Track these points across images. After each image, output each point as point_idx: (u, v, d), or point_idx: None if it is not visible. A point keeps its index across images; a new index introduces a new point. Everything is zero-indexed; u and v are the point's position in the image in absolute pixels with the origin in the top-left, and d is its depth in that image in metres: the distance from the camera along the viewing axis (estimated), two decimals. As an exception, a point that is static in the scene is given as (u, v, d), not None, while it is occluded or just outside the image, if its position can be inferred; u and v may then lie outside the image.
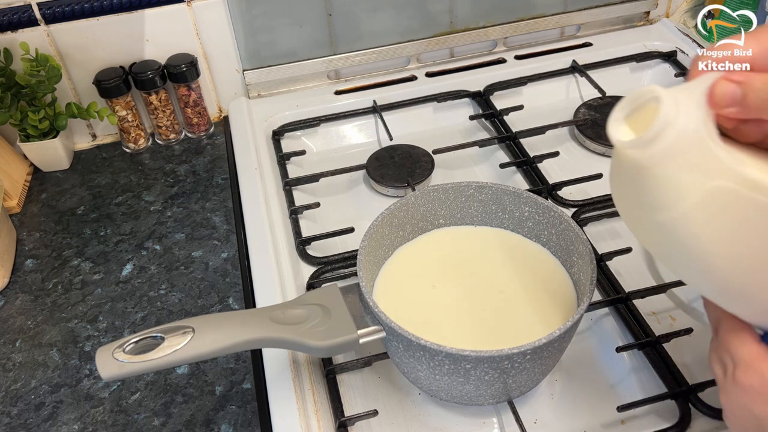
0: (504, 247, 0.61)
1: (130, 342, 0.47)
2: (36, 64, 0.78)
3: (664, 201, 0.38)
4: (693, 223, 0.37)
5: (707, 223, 0.37)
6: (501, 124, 0.85)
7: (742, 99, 0.36)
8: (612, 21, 1.01)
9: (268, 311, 0.51)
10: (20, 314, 0.67)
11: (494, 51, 0.98)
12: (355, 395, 0.58)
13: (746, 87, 0.36)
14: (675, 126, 0.35)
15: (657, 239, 0.40)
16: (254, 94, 0.93)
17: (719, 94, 0.36)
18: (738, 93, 0.36)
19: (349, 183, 0.81)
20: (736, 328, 0.41)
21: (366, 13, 0.90)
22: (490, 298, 0.56)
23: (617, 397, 0.55)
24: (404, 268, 0.60)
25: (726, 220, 0.37)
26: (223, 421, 0.56)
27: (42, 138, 0.83)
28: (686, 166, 0.36)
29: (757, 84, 0.36)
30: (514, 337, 0.53)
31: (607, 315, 0.62)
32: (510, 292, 0.56)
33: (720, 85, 0.36)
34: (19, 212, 0.80)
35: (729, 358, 0.41)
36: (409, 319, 0.52)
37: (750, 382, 0.38)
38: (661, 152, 0.36)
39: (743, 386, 0.39)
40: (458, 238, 0.62)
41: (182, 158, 0.86)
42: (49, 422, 0.57)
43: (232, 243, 0.73)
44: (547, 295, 0.56)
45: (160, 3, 0.82)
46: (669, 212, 0.38)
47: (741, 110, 0.36)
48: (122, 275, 0.70)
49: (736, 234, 0.37)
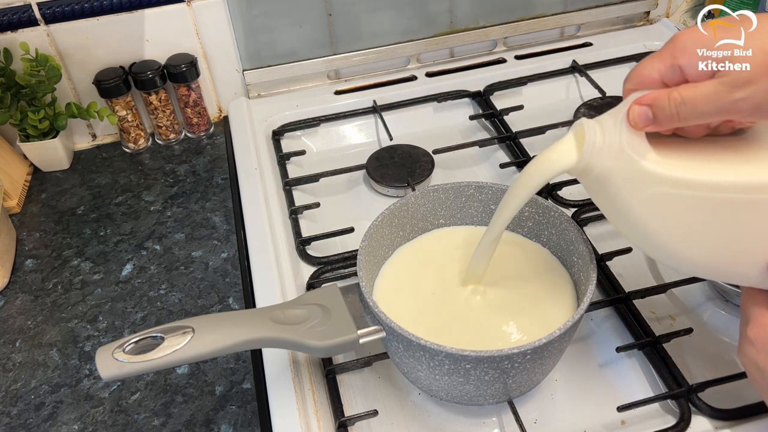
0: (504, 247, 0.61)
1: (130, 342, 0.47)
2: (36, 64, 0.78)
3: (616, 210, 0.45)
4: (645, 224, 0.44)
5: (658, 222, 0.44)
6: (501, 124, 0.85)
7: (653, 118, 0.41)
8: (612, 21, 1.01)
9: (268, 311, 0.51)
10: (20, 314, 0.67)
11: (494, 51, 0.98)
12: (355, 395, 0.58)
13: (654, 108, 0.41)
14: (602, 151, 0.43)
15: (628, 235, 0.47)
16: (254, 94, 0.93)
17: (634, 119, 0.42)
18: (649, 114, 0.41)
19: (349, 183, 0.81)
20: (752, 291, 0.44)
21: (366, 13, 0.90)
22: (491, 298, 0.56)
23: (617, 397, 0.55)
24: (404, 268, 0.60)
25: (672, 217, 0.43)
26: (223, 421, 0.56)
27: (42, 138, 0.83)
28: (621, 181, 0.43)
29: (662, 103, 0.41)
30: (514, 337, 0.53)
31: (607, 315, 0.62)
32: (510, 292, 0.56)
33: (632, 111, 0.42)
34: (19, 212, 0.80)
35: (744, 316, 0.44)
36: (409, 318, 0.52)
37: (755, 336, 0.42)
38: (598, 175, 0.44)
39: (750, 340, 0.43)
40: (458, 238, 0.62)
41: (182, 158, 0.86)
42: (49, 422, 0.57)
43: (232, 243, 0.73)
44: (548, 295, 0.56)
45: (160, 3, 0.82)
46: (624, 217, 0.45)
47: (656, 126, 0.42)
48: (122, 275, 0.70)
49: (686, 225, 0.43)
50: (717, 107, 0.39)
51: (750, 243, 0.43)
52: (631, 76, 0.44)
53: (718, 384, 0.54)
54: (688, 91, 0.40)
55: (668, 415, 0.54)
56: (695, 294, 0.63)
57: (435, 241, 0.62)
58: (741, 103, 0.38)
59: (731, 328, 0.61)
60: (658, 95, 0.41)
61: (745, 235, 0.42)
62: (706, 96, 0.39)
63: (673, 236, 0.44)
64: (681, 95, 0.40)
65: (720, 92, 0.38)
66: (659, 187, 0.42)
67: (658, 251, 0.46)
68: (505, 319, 0.54)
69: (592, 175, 0.44)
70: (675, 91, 0.40)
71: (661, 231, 0.44)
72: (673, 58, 0.41)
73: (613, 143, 0.42)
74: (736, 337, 0.59)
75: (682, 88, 0.40)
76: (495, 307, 0.55)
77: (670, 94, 0.40)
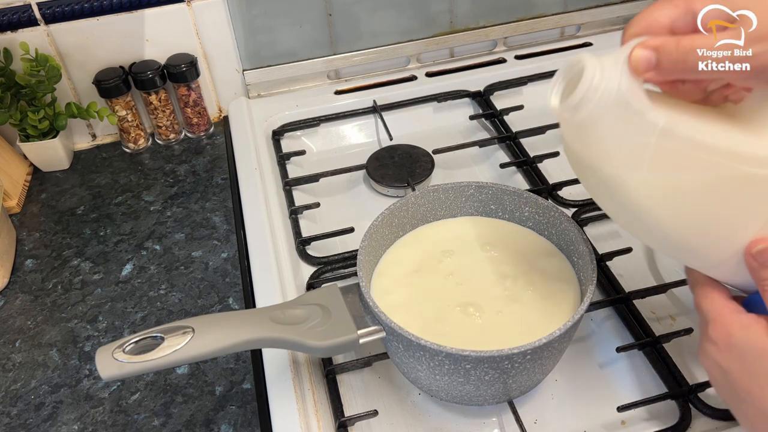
0: (505, 241, 0.60)
1: (130, 342, 0.47)
2: (36, 64, 0.78)
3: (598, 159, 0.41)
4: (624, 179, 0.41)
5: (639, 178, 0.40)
6: (501, 124, 0.85)
7: (657, 63, 0.38)
8: (612, 21, 1.01)
9: (268, 311, 0.51)
10: (20, 314, 0.67)
11: (494, 51, 0.98)
12: (355, 395, 0.58)
13: (660, 52, 0.38)
14: (597, 90, 0.39)
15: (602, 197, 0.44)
16: (254, 94, 0.93)
17: (636, 61, 0.39)
18: (653, 58, 0.38)
19: (349, 183, 0.81)
20: (707, 288, 0.43)
21: (366, 13, 0.90)
22: (491, 297, 0.56)
23: (617, 397, 0.55)
24: (404, 265, 0.59)
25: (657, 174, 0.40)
26: (223, 421, 0.56)
27: (42, 138, 0.83)
28: (613, 124, 0.40)
29: (669, 47, 0.38)
30: (515, 337, 0.53)
31: (607, 315, 0.62)
32: (511, 291, 0.56)
33: (636, 52, 0.39)
34: (19, 212, 0.80)
35: (702, 316, 0.43)
36: (408, 318, 0.52)
37: (717, 336, 0.41)
38: (589, 115, 0.40)
39: (712, 340, 0.41)
40: (457, 230, 0.62)
41: (182, 158, 0.86)
42: (49, 422, 0.57)
43: (232, 243, 0.73)
44: (550, 294, 0.56)
45: (160, 3, 0.82)
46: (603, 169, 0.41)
47: (658, 74, 0.39)
48: (122, 275, 0.70)
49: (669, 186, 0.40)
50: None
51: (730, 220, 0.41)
52: (638, 20, 0.41)
53: (718, 384, 0.54)
54: (700, 40, 0.38)
55: (668, 415, 0.54)
56: (695, 294, 0.63)
57: (433, 234, 0.62)
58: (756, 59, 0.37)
59: (731, 328, 0.61)
60: (665, 40, 0.38)
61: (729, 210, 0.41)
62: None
63: (651, 196, 0.41)
64: (692, 43, 0.38)
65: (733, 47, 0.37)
66: (650, 137, 0.39)
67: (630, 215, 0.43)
68: (507, 319, 0.54)
69: (580, 116, 0.40)
70: (685, 38, 0.38)
71: (640, 189, 0.41)
72: (687, 3, 0.39)
73: (611, 84, 0.39)
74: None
75: (694, 36, 0.38)
76: (495, 306, 0.55)
77: (680, 41, 0.38)
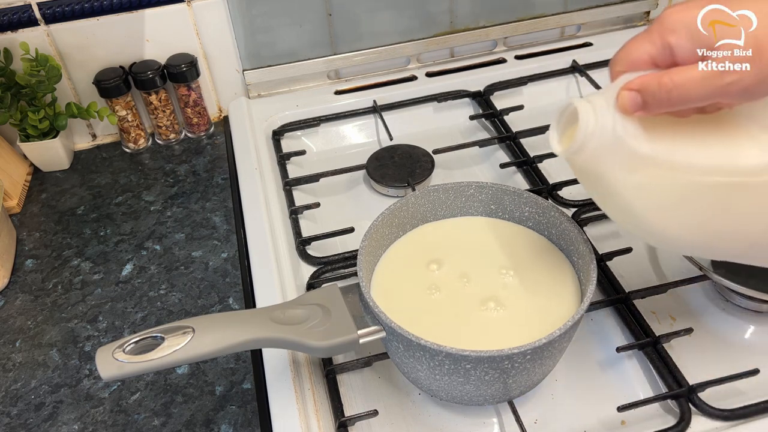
0: (506, 240, 0.60)
1: (130, 342, 0.47)
2: (36, 64, 0.78)
3: (606, 191, 0.45)
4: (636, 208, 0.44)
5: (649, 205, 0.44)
6: (501, 124, 0.85)
7: (643, 103, 0.41)
8: (612, 21, 1.01)
9: (268, 311, 0.51)
10: (20, 314, 0.67)
11: (494, 51, 0.98)
12: (355, 395, 0.58)
13: (644, 93, 0.40)
14: (594, 135, 0.42)
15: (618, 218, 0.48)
16: (254, 94, 0.93)
17: (623, 103, 0.41)
18: (638, 99, 0.41)
19: (349, 183, 0.81)
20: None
21: (366, 13, 0.90)
22: (490, 297, 0.56)
23: (617, 397, 0.55)
24: (403, 265, 0.59)
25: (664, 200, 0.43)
26: (223, 421, 0.56)
27: (42, 138, 0.83)
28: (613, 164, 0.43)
29: (652, 88, 0.40)
30: (515, 337, 0.53)
31: (607, 315, 0.62)
32: (511, 290, 0.56)
33: (622, 96, 0.41)
34: (19, 212, 0.80)
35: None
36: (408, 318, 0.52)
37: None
38: (591, 157, 0.43)
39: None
40: (456, 229, 0.62)
41: (182, 158, 0.86)
42: (49, 422, 0.57)
43: (232, 243, 0.73)
44: (550, 293, 0.56)
45: (160, 3, 0.82)
46: (614, 200, 0.45)
47: (646, 112, 0.41)
48: (122, 275, 0.70)
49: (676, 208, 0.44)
50: (708, 92, 0.39)
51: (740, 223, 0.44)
52: (620, 58, 0.43)
53: (718, 384, 0.54)
54: (678, 75, 0.39)
55: (668, 415, 0.54)
56: (695, 294, 0.63)
57: (434, 234, 0.62)
58: (731, 86, 0.38)
59: (731, 328, 0.61)
60: (647, 80, 0.40)
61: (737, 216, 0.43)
62: (697, 80, 0.39)
63: (664, 219, 0.44)
64: (672, 80, 0.39)
65: (711, 76, 0.38)
66: (651, 170, 0.42)
67: (649, 234, 0.46)
68: (506, 319, 0.54)
69: (583, 157, 0.43)
70: (665, 76, 0.40)
71: (652, 214, 0.44)
72: (662, 38, 0.40)
73: (605, 126, 0.42)
74: (736, 337, 0.60)
75: (672, 72, 0.40)
76: (496, 307, 0.55)
77: (660, 79, 0.40)
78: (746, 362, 0.56)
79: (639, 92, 0.40)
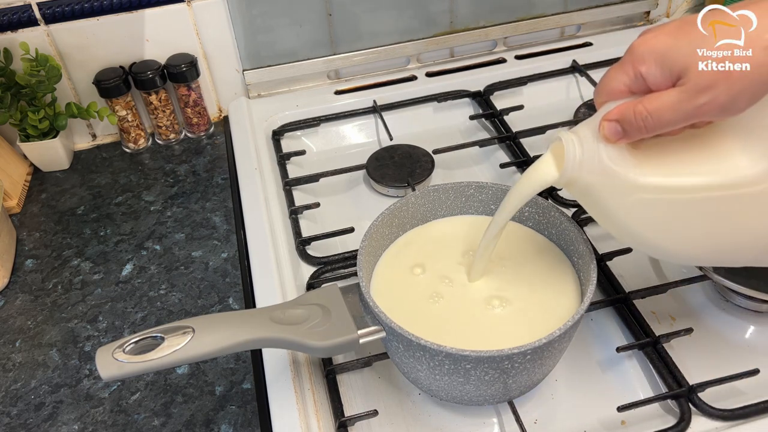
0: (506, 241, 0.60)
1: (130, 342, 0.47)
2: (36, 64, 0.78)
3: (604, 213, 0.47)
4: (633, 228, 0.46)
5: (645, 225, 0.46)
6: (501, 124, 0.85)
7: (623, 132, 0.42)
8: (612, 21, 1.01)
9: (268, 311, 0.51)
10: (20, 314, 0.67)
11: (494, 51, 0.98)
12: (355, 395, 0.58)
13: (622, 123, 0.42)
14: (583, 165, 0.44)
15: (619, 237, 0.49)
16: (254, 94, 0.93)
17: (605, 134, 0.43)
18: (618, 128, 0.43)
19: (349, 183, 0.81)
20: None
21: (366, 13, 0.90)
22: (491, 297, 0.56)
23: (617, 397, 0.55)
24: (403, 265, 0.59)
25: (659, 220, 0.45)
26: (223, 421, 0.56)
27: (42, 138, 0.83)
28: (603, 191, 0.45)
29: (629, 117, 0.42)
30: (515, 337, 0.53)
31: (607, 315, 0.62)
32: (511, 290, 0.56)
33: (602, 127, 0.43)
34: (19, 212, 0.80)
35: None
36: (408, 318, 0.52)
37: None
38: (582, 185, 0.46)
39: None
40: (456, 229, 0.62)
41: (182, 158, 0.86)
42: (49, 422, 0.57)
43: (232, 243, 0.73)
44: (550, 293, 0.56)
45: (160, 3, 0.82)
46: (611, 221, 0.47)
47: (627, 139, 0.43)
48: (122, 275, 0.70)
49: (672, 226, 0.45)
50: (682, 115, 0.40)
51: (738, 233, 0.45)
52: (600, 90, 0.45)
53: (718, 384, 0.54)
54: (651, 103, 0.41)
55: (668, 415, 0.54)
56: (696, 294, 0.63)
57: (434, 234, 0.62)
58: (705, 107, 0.39)
59: (731, 328, 0.61)
60: (623, 110, 0.42)
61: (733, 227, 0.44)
62: (670, 105, 0.40)
63: (662, 236, 0.46)
64: (645, 108, 0.41)
65: (682, 100, 0.39)
66: (642, 194, 0.44)
67: (651, 250, 0.49)
68: (506, 318, 0.54)
69: (577, 186, 0.46)
70: (640, 104, 0.41)
71: (650, 233, 0.46)
72: (634, 68, 0.42)
73: (592, 156, 0.44)
74: (736, 337, 0.60)
75: (645, 100, 0.41)
76: (496, 306, 0.55)
77: (635, 108, 0.41)
78: (746, 362, 0.56)
79: (618, 122, 0.42)
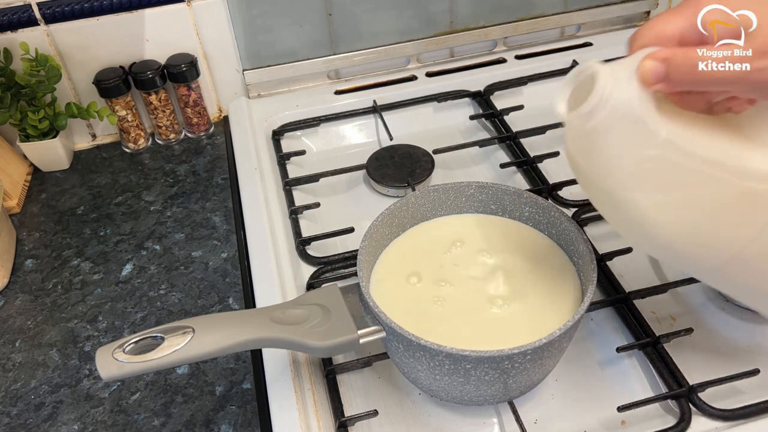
0: (505, 240, 0.60)
1: (130, 342, 0.47)
2: (36, 64, 0.78)
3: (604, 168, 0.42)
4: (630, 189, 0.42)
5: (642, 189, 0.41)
6: (501, 124, 0.85)
7: (665, 75, 0.38)
8: (612, 21, 1.01)
9: (268, 311, 0.51)
10: (20, 314, 0.67)
11: (494, 51, 0.98)
12: (355, 395, 0.58)
13: (669, 64, 0.38)
14: (609, 101, 0.39)
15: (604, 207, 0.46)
16: (254, 94, 0.93)
17: (645, 73, 0.39)
18: (662, 70, 0.38)
19: (349, 183, 0.81)
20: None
21: (366, 13, 0.90)
22: (491, 297, 0.56)
23: (617, 397, 0.55)
24: (403, 264, 0.59)
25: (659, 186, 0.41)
26: (223, 421, 0.56)
27: (42, 138, 0.83)
28: (621, 136, 0.40)
29: (678, 59, 0.38)
30: (515, 337, 0.53)
31: (607, 315, 0.62)
32: (512, 290, 0.56)
33: (645, 64, 0.39)
34: (18, 212, 0.80)
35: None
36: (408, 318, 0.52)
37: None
38: (599, 124, 0.40)
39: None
40: (455, 228, 0.62)
41: (182, 158, 0.86)
42: (49, 422, 0.57)
43: (232, 243, 0.73)
44: (551, 292, 0.56)
45: (160, 3, 0.82)
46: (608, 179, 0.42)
47: (667, 86, 0.39)
48: (122, 275, 0.70)
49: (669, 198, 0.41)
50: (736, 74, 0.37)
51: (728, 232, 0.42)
52: (644, 32, 0.41)
53: (718, 384, 0.54)
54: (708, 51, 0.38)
55: (668, 415, 0.54)
56: (696, 294, 0.63)
57: (434, 233, 0.62)
58: (762, 72, 0.36)
59: (731, 328, 0.61)
60: (674, 51, 0.38)
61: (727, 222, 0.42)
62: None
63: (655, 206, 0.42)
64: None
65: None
66: (660, 150, 0.40)
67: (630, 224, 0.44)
68: (506, 319, 0.54)
69: (591, 124, 0.41)
70: (693, 50, 0.38)
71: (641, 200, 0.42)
72: (695, 14, 0.39)
73: (622, 94, 0.39)
74: (736, 337, 0.60)
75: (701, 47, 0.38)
76: (496, 306, 0.55)
77: (687, 53, 0.38)
78: (746, 362, 0.56)
79: (664, 62, 0.38)
